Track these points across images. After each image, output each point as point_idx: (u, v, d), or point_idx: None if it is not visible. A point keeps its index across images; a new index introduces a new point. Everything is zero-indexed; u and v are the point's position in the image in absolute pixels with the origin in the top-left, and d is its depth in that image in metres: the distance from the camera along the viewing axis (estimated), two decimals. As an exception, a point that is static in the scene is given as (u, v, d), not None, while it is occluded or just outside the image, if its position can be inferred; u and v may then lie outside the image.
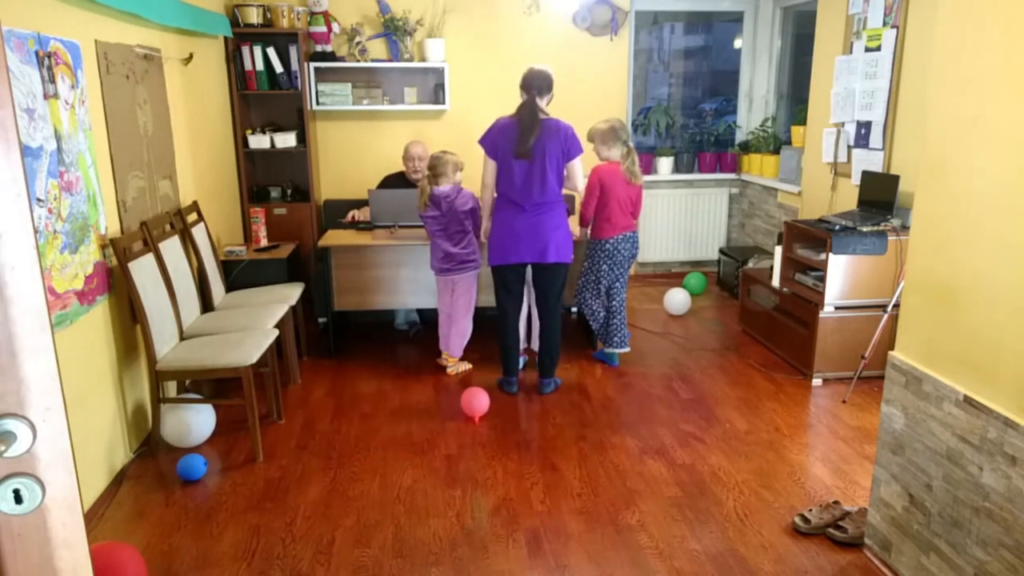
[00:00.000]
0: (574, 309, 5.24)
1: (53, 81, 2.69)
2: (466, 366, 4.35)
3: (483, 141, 3.75)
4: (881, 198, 4.15)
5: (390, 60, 5.50)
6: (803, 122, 5.30)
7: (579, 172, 3.77)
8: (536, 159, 3.63)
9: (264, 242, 4.70)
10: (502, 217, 3.78)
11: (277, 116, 5.38)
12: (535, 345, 4.15)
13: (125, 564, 2.29)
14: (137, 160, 3.47)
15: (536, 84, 3.67)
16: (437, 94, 5.60)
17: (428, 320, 5.04)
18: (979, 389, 2.07)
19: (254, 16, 5.00)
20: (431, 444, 3.45)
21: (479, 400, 3.65)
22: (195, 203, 4.18)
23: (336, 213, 5.22)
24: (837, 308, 4.00)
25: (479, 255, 4.13)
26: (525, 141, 3.61)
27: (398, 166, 5.19)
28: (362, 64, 5.42)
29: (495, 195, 3.83)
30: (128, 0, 3.24)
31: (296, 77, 5.15)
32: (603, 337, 4.39)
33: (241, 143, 5.12)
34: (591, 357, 4.52)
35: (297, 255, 4.89)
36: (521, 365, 4.20)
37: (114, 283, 3.18)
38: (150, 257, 3.38)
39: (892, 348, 2.46)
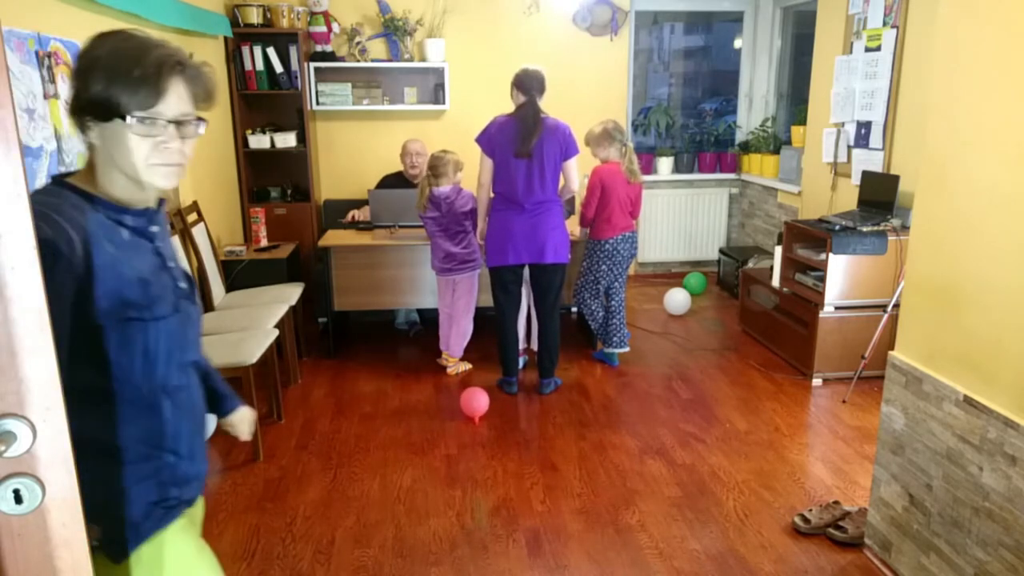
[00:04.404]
0: (574, 309, 5.24)
1: (53, 81, 2.69)
2: (466, 366, 4.35)
3: (480, 139, 3.74)
4: (881, 198, 4.15)
5: (390, 60, 5.50)
6: (803, 122, 5.30)
7: (575, 172, 3.78)
8: (535, 158, 3.64)
9: (264, 242, 4.71)
10: (499, 217, 3.77)
11: (277, 116, 5.38)
12: (535, 345, 4.15)
13: None
14: (137, 160, 3.46)
15: (536, 85, 3.68)
16: (437, 94, 5.60)
17: (428, 320, 5.04)
18: (979, 389, 2.07)
19: (254, 16, 5.00)
20: (431, 444, 3.46)
21: (479, 400, 3.65)
22: (195, 203, 4.17)
23: (336, 213, 5.22)
24: (837, 308, 4.00)
25: (480, 255, 4.13)
26: (527, 141, 3.62)
27: (398, 166, 5.19)
28: (362, 64, 5.43)
29: (492, 195, 3.83)
30: (128, 0, 3.24)
31: (296, 77, 5.15)
32: (603, 337, 4.39)
33: (241, 143, 5.12)
34: (591, 357, 4.52)
35: (297, 255, 4.89)
36: (521, 365, 4.20)
37: (114, 283, 3.18)
38: (150, 257, 3.37)
39: (892, 348, 2.46)
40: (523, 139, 3.62)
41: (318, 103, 5.36)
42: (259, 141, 5.13)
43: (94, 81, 1.14)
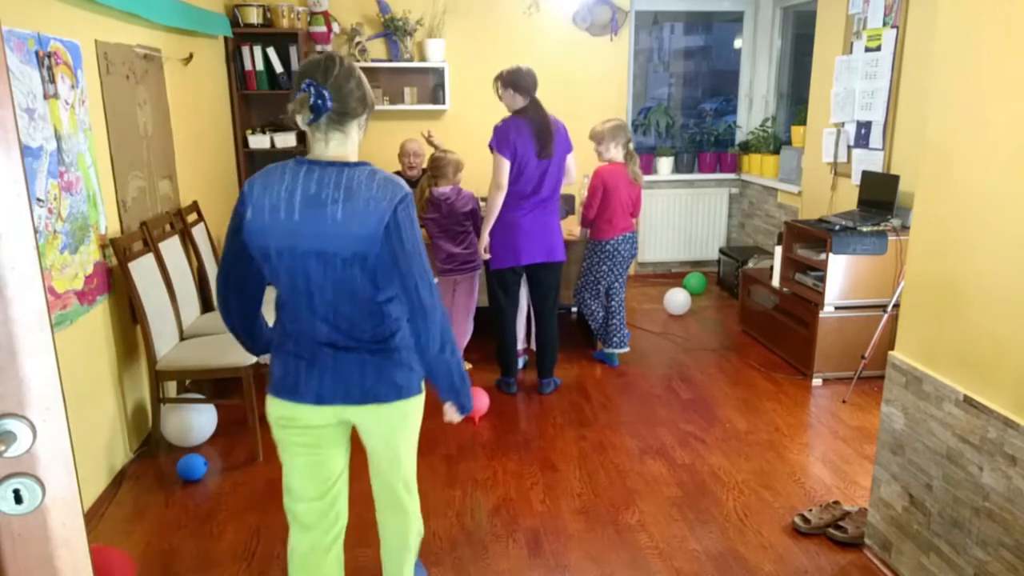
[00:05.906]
0: (574, 309, 5.24)
1: (53, 81, 2.69)
2: (466, 366, 4.34)
3: (500, 145, 3.59)
4: (881, 198, 4.16)
5: (390, 60, 5.50)
6: (803, 122, 5.30)
7: (575, 164, 3.83)
8: (552, 156, 3.66)
9: (264, 242, 4.69)
10: (511, 219, 3.72)
11: (277, 116, 5.37)
12: (534, 345, 4.15)
13: (113, 570, 2.27)
14: (137, 160, 3.47)
15: (534, 85, 3.65)
16: (437, 94, 5.60)
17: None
18: (979, 389, 2.07)
19: (254, 16, 5.00)
20: (431, 444, 3.45)
21: (480, 400, 3.65)
22: (195, 203, 4.17)
23: (336, 213, 5.21)
24: (837, 308, 4.00)
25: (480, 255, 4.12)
26: (548, 142, 3.61)
27: (397, 166, 5.19)
28: (362, 64, 5.42)
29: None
30: (128, 0, 3.24)
31: (296, 77, 5.15)
32: (603, 337, 4.39)
33: (241, 143, 5.12)
34: (591, 357, 4.52)
35: (297, 255, 4.87)
36: (521, 365, 4.20)
37: (114, 283, 3.18)
38: (150, 257, 3.38)
39: (892, 348, 2.46)
40: (543, 140, 3.61)
41: (318, 103, 5.35)
42: (259, 141, 5.13)
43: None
